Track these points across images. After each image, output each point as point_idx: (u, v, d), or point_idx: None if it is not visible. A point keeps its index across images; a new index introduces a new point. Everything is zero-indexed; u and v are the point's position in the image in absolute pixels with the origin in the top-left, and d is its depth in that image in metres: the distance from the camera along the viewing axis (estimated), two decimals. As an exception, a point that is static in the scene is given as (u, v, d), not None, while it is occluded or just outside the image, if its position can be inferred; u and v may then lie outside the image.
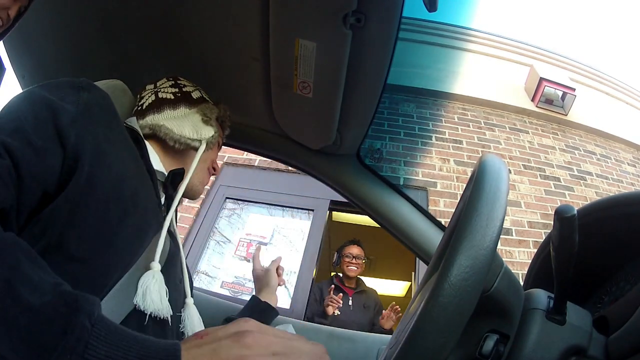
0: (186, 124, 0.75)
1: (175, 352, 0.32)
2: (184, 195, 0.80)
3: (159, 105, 0.76)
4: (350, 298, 2.45)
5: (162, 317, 0.54)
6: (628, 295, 0.46)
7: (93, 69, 1.01)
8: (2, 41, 0.90)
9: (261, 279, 0.99)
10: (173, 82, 0.80)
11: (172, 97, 0.77)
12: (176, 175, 0.71)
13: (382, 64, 0.78)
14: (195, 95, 0.80)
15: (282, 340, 0.35)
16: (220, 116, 0.83)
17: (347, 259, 2.56)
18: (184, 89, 0.80)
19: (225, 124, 0.87)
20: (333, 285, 2.42)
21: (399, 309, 2.24)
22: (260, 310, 0.88)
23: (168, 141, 0.73)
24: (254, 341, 0.33)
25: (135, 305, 0.51)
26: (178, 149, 0.75)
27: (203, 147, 0.75)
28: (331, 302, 2.27)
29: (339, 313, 2.30)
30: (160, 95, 0.77)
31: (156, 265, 0.55)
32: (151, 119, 0.74)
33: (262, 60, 0.86)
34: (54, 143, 0.48)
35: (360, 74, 0.81)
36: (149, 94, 0.78)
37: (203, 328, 0.73)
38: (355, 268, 2.55)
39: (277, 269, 1.01)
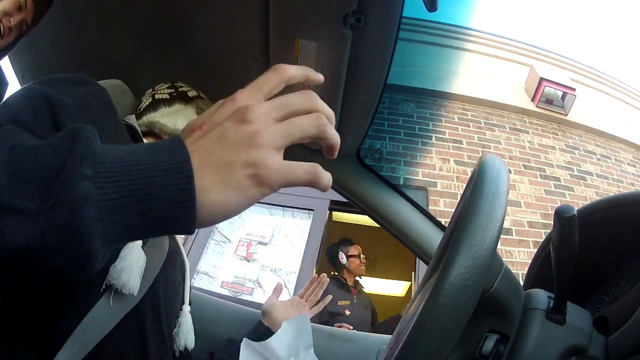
0: (180, 118, 0.76)
1: (181, 143, 0.30)
2: None
3: (155, 104, 0.78)
4: (355, 297, 2.51)
5: (126, 293, 0.51)
6: (628, 295, 0.46)
7: (93, 69, 1.01)
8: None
9: (274, 309, 0.93)
10: (170, 84, 0.83)
11: (168, 97, 0.79)
12: None
13: (382, 64, 0.78)
14: (191, 94, 0.82)
15: (276, 103, 0.33)
16: None
17: (357, 260, 2.60)
18: (180, 89, 0.81)
19: None
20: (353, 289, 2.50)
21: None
22: (261, 333, 0.86)
23: (163, 136, 0.74)
24: (254, 115, 0.32)
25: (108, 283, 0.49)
26: None
27: None
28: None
29: (350, 313, 2.36)
30: (156, 96, 0.80)
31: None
32: (147, 118, 0.76)
33: (262, 60, 0.86)
34: (52, 133, 0.48)
35: (360, 74, 0.80)
36: (147, 97, 0.80)
37: (193, 337, 0.70)
38: (364, 267, 2.63)
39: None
